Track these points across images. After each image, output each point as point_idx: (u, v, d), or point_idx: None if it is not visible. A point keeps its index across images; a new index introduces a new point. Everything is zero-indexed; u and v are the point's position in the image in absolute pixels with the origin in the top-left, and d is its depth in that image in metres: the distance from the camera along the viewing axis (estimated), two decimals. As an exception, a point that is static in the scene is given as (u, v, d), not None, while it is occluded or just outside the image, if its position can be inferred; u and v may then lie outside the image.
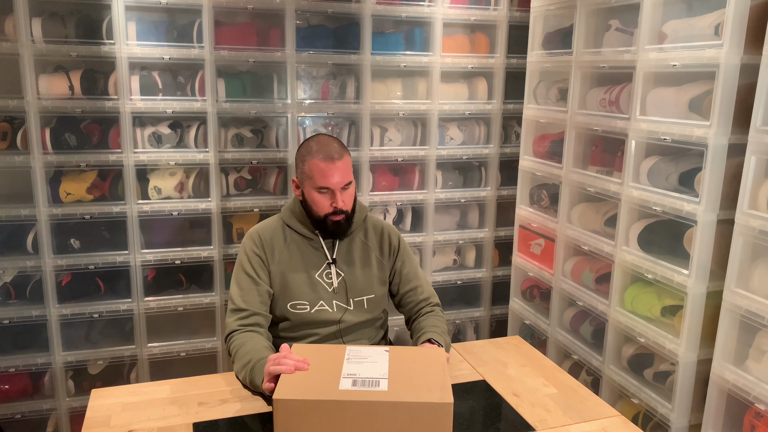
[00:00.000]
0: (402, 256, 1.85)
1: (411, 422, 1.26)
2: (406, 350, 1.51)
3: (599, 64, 2.29)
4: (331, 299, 1.77)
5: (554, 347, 2.60)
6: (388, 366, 1.39)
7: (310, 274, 1.76)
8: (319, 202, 1.70)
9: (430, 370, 1.40)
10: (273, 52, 2.53)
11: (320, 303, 1.76)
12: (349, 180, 1.70)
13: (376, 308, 1.83)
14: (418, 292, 1.83)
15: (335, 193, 1.68)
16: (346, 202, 1.71)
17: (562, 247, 2.52)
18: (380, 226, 1.86)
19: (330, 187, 1.67)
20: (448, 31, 2.76)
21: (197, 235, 2.61)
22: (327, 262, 1.78)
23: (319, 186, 1.68)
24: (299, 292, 1.75)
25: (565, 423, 1.46)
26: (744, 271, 1.77)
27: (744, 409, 1.78)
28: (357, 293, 1.79)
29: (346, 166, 1.70)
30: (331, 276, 1.77)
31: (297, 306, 1.75)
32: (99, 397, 1.53)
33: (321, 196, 1.69)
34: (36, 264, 2.40)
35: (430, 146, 2.82)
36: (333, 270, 1.77)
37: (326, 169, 1.66)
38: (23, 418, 2.47)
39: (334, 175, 1.66)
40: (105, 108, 2.38)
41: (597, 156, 2.37)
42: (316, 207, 1.71)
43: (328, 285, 1.77)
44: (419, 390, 1.30)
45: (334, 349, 1.48)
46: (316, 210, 1.71)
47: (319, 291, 1.76)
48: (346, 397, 1.26)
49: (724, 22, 1.76)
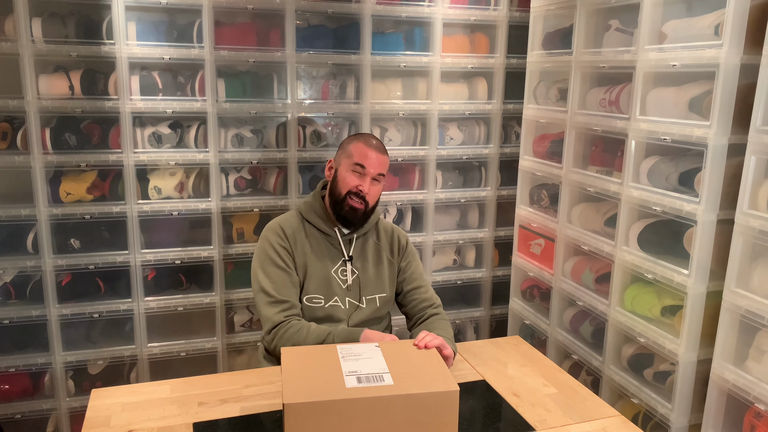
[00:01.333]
0: (408, 256, 1.91)
1: (419, 412, 1.28)
2: (394, 344, 1.54)
3: (599, 64, 2.29)
4: (345, 296, 1.80)
5: (554, 347, 2.60)
6: (384, 360, 1.41)
7: (327, 269, 1.80)
8: (348, 178, 1.77)
9: (425, 360, 1.43)
10: (273, 52, 2.53)
11: (334, 299, 1.80)
12: (382, 172, 1.79)
13: (386, 307, 1.88)
14: (421, 292, 1.86)
15: (366, 177, 1.75)
16: (372, 192, 1.78)
17: (562, 247, 2.52)
18: (390, 228, 1.93)
19: (365, 167, 1.75)
20: (448, 31, 2.76)
21: (197, 235, 2.61)
22: (343, 259, 1.81)
23: (356, 162, 1.76)
24: (316, 287, 1.79)
25: (565, 423, 1.46)
26: (744, 271, 1.77)
27: (744, 409, 1.78)
28: (370, 291, 1.84)
29: (386, 162, 1.81)
30: (347, 273, 1.81)
31: (313, 300, 1.79)
32: (99, 397, 1.53)
33: (353, 174, 1.77)
34: (36, 264, 2.40)
35: (430, 146, 2.82)
36: (348, 267, 1.81)
37: (369, 152, 1.76)
38: (23, 418, 2.47)
39: (373, 159, 1.76)
40: (105, 108, 2.38)
41: (597, 156, 2.37)
42: (343, 183, 1.77)
43: (343, 282, 1.81)
44: (424, 380, 1.33)
45: (325, 349, 1.48)
46: (342, 186, 1.77)
47: (334, 287, 1.80)
48: (357, 395, 1.27)
49: (724, 22, 1.76)
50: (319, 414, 1.25)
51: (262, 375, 1.66)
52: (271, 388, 1.58)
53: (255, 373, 1.67)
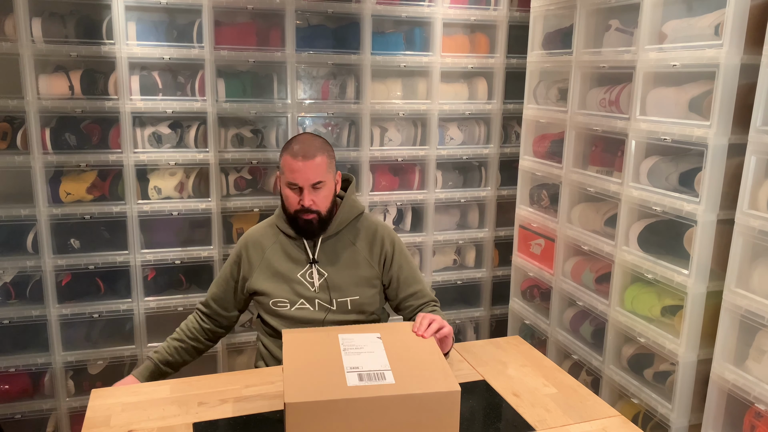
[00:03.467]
0: (398, 260, 1.84)
1: (421, 412, 1.28)
2: (396, 332, 1.54)
3: (599, 64, 2.29)
4: (314, 298, 1.78)
5: (554, 347, 2.60)
6: (385, 355, 1.41)
7: (292, 273, 1.79)
8: (289, 198, 1.73)
9: (426, 356, 1.43)
10: (273, 52, 2.53)
11: (300, 302, 1.78)
12: (319, 179, 1.69)
13: (363, 311, 1.82)
14: (418, 297, 1.84)
15: (304, 191, 1.69)
16: (316, 201, 1.70)
17: (562, 247, 2.52)
18: (374, 228, 1.85)
19: (298, 184, 1.69)
20: (448, 31, 2.76)
21: (197, 235, 2.61)
22: (309, 262, 1.79)
23: (288, 182, 1.71)
24: (280, 291, 1.78)
25: (565, 423, 1.46)
26: (744, 271, 1.77)
27: (744, 409, 1.78)
28: (340, 294, 1.80)
29: (318, 166, 1.68)
30: (313, 276, 1.78)
31: (278, 304, 1.78)
32: (99, 397, 1.53)
33: (291, 192, 1.72)
34: (36, 264, 2.40)
35: (430, 146, 2.82)
36: (314, 269, 1.79)
37: (295, 166, 1.67)
38: (23, 418, 2.47)
39: (301, 172, 1.67)
40: (105, 108, 2.38)
41: (597, 156, 2.37)
42: (287, 203, 1.74)
43: (310, 284, 1.78)
44: (425, 380, 1.32)
45: (327, 337, 1.48)
46: (287, 206, 1.75)
47: (300, 290, 1.78)
48: (357, 395, 1.27)
49: (724, 22, 1.76)
50: (319, 412, 1.25)
51: (262, 375, 1.66)
52: (271, 388, 1.58)
53: (255, 373, 1.67)
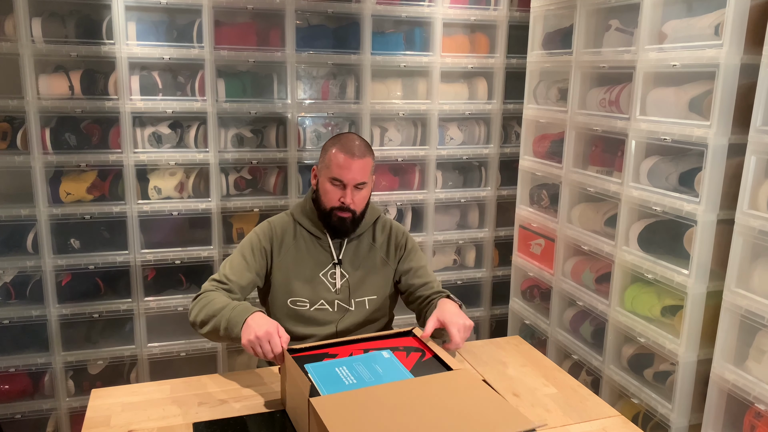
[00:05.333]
0: (410, 254, 1.86)
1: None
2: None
3: (599, 64, 2.29)
4: (333, 299, 1.77)
5: (554, 347, 2.60)
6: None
7: (314, 272, 1.77)
8: (329, 193, 1.72)
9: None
10: (273, 52, 2.53)
11: (320, 302, 1.77)
12: (363, 180, 1.72)
13: (378, 310, 1.83)
14: (428, 287, 1.83)
15: (347, 188, 1.70)
16: (356, 201, 1.72)
17: (562, 247, 2.52)
18: (388, 226, 1.88)
19: (343, 181, 1.69)
20: (448, 31, 2.76)
21: (197, 235, 2.61)
22: (333, 263, 1.78)
23: (333, 177, 1.70)
24: (300, 290, 1.76)
25: (565, 423, 1.46)
26: (744, 271, 1.77)
27: (744, 409, 1.78)
28: (360, 294, 1.80)
29: (365, 167, 1.71)
30: (335, 276, 1.78)
31: (297, 303, 1.76)
32: (99, 397, 1.53)
33: (333, 187, 1.71)
34: (36, 264, 2.40)
35: (430, 146, 2.82)
36: (338, 271, 1.78)
37: (344, 163, 1.68)
38: (23, 418, 2.47)
39: (350, 170, 1.69)
40: (105, 108, 2.38)
41: (597, 156, 2.37)
42: (326, 197, 1.73)
43: (332, 285, 1.78)
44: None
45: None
46: (325, 201, 1.73)
47: (321, 290, 1.77)
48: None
49: (724, 22, 1.76)
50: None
51: (262, 375, 1.66)
52: (270, 389, 1.57)
53: (255, 373, 1.67)
